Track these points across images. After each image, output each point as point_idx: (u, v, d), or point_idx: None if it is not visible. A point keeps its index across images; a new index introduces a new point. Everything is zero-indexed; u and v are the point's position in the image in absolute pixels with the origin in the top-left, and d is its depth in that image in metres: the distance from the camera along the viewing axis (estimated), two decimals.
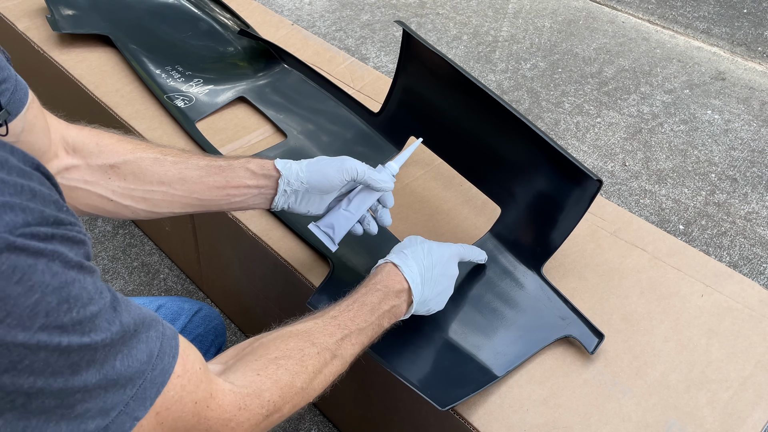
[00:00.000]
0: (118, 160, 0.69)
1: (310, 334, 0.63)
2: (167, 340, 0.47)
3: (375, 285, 0.70)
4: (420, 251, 0.74)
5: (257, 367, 0.57)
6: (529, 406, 0.73)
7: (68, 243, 0.39)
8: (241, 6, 1.37)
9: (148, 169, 0.70)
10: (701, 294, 0.85)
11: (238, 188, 0.73)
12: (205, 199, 0.73)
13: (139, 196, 0.71)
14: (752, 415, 0.73)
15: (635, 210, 1.51)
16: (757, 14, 2.25)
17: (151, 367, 0.45)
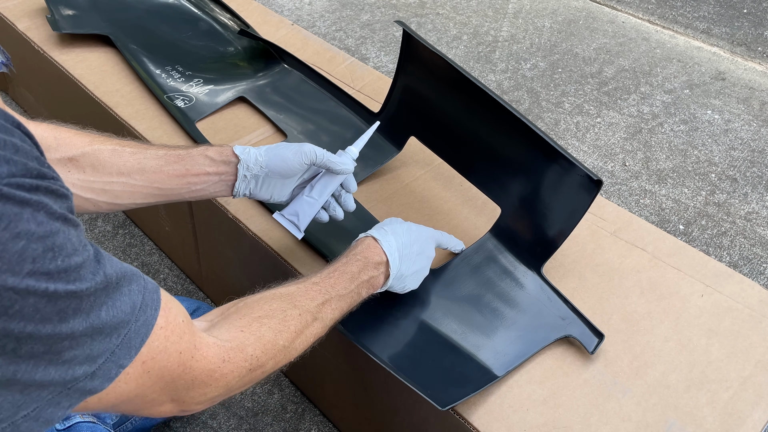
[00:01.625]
0: (76, 153, 0.69)
1: (292, 296, 0.65)
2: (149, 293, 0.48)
3: (355, 255, 0.72)
4: (399, 229, 0.76)
5: (241, 324, 0.59)
6: (529, 406, 0.73)
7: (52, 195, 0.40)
8: (241, 6, 1.37)
9: (106, 160, 0.70)
10: (701, 294, 0.85)
11: (198, 176, 0.74)
12: (165, 188, 0.73)
13: (99, 188, 0.71)
14: (752, 415, 0.73)
15: (635, 210, 1.51)
16: (757, 14, 2.25)
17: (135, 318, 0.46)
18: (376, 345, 0.76)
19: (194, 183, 0.74)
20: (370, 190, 0.99)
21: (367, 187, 0.99)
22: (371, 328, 0.79)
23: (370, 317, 0.80)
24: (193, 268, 1.26)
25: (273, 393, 1.14)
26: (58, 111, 1.43)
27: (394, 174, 1.01)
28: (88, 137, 0.71)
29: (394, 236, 0.75)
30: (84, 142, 0.70)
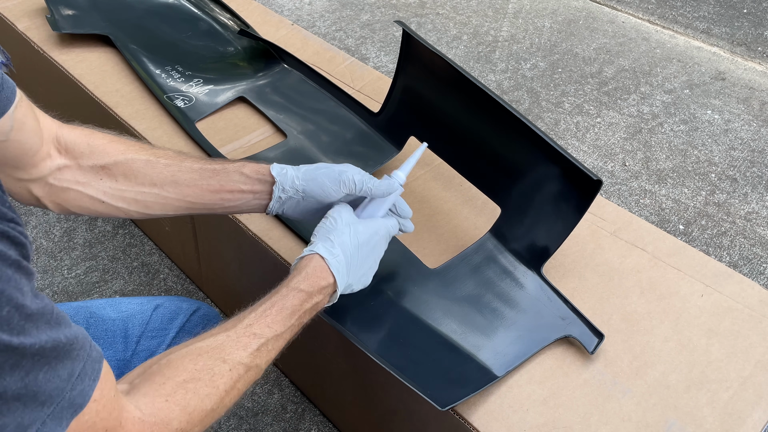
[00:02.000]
0: (109, 161, 0.69)
1: (221, 349, 0.60)
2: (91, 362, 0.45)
3: (298, 285, 0.67)
4: (347, 234, 0.71)
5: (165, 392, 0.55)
6: (529, 406, 0.73)
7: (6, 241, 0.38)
8: (241, 6, 1.37)
9: (139, 170, 0.69)
10: (701, 294, 0.85)
11: (232, 192, 0.73)
12: (197, 202, 0.72)
13: (131, 197, 0.70)
14: (752, 415, 0.73)
15: (635, 210, 1.51)
16: (757, 14, 2.25)
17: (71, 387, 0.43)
18: (376, 345, 0.76)
19: (228, 199, 0.73)
20: None
21: None
22: (371, 328, 0.79)
23: (369, 317, 0.80)
24: (193, 268, 1.26)
25: (273, 393, 1.14)
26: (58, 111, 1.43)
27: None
28: (122, 145, 0.70)
29: (342, 248, 0.69)
30: (118, 150, 0.69)
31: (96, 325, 0.89)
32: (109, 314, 0.91)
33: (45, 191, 0.68)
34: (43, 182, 0.67)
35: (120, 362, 0.88)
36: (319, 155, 1.03)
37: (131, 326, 0.91)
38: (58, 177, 0.68)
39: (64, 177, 0.68)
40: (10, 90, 0.60)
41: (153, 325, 0.94)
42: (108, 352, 0.88)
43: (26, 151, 0.64)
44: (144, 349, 0.91)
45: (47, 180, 0.67)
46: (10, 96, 0.60)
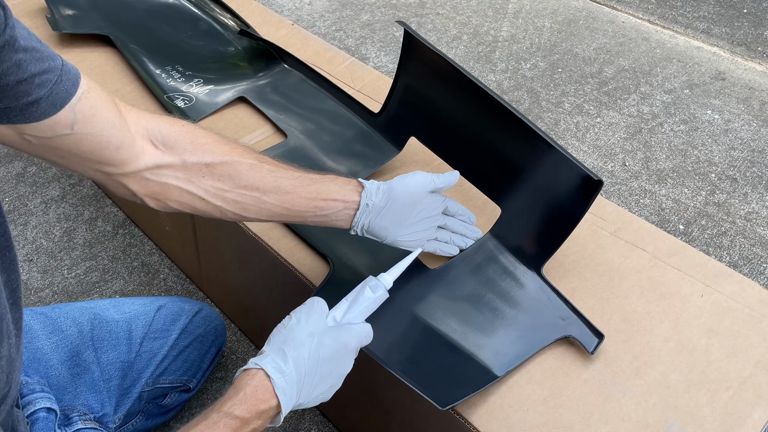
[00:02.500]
0: (214, 160, 0.69)
1: None
2: None
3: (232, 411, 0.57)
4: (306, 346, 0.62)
5: None
6: (529, 406, 0.73)
7: None
8: (241, 6, 1.37)
9: (244, 173, 0.70)
10: (701, 294, 0.85)
11: (326, 201, 0.74)
12: (293, 209, 0.73)
13: (232, 198, 0.70)
14: (752, 415, 0.73)
15: (635, 210, 1.51)
16: (757, 14, 2.25)
17: None
18: (375, 345, 0.76)
19: (322, 207, 0.74)
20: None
21: None
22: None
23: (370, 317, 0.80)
24: (193, 268, 1.26)
25: None
26: None
27: (394, 174, 1.01)
28: (227, 146, 0.71)
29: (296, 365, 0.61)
30: (223, 151, 0.70)
31: (100, 327, 0.89)
32: (113, 316, 0.91)
33: (141, 185, 0.68)
34: (139, 177, 0.67)
35: (123, 364, 0.89)
36: (319, 155, 1.03)
37: (135, 327, 0.91)
38: (157, 172, 0.68)
39: (163, 172, 0.68)
40: (71, 82, 0.59)
41: (156, 326, 0.94)
42: (112, 354, 0.88)
43: (105, 145, 0.63)
44: (147, 350, 0.92)
45: (143, 175, 0.67)
46: (71, 88, 0.59)
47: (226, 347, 1.19)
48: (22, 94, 0.55)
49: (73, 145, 0.61)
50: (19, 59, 0.55)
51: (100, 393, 0.85)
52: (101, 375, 0.85)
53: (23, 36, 0.56)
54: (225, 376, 1.15)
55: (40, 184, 1.48)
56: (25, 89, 0.55)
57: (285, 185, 0.72)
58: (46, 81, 0.57)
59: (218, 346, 1.06)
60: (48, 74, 0.57)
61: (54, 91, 0.58)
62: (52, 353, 0.83)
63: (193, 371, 1.00)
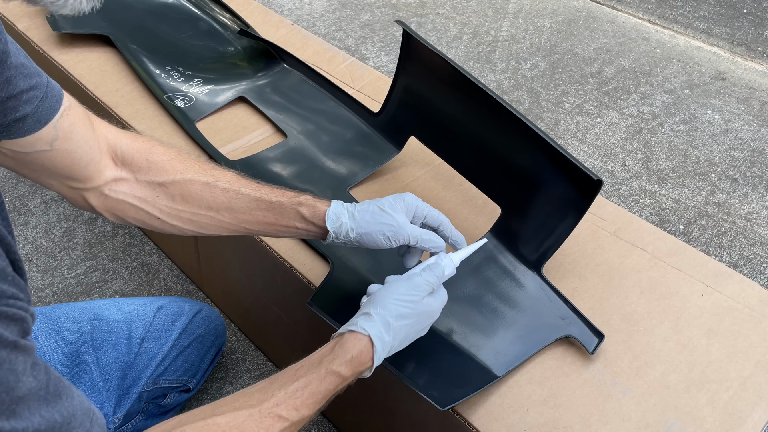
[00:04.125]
0: (167, 179, 0.68)
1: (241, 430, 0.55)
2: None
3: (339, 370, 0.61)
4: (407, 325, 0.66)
5: None
6: (529, 406, 0.73)
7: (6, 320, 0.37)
8: (241, 6, 1.37)
9: (197, 193, 0.69)
10: (701, 294, 0.85)
11: (287, 227, 0.72)
12: (253, 229, 0.72)
13: (187, 218, 0.70)
14: (752, 415, 0.73)
15: (635, 210, 1.51)
16: (757, 14, 2.25)
17: None
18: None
19: (282, 231, 0.73)
20: (370, 190, 0.99)
21: (367, 187, 0.99)
22: None
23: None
24: (193, 268, 1.26)
25: None
26: None
27: (394, 174, 1.01)
28: (182, 164, 0.69)
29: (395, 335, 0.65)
30: (177, 169, 0.69)
31: (100, 327, 0.89)
32: (113, 316, 0.91)
33: (100, 201, 0.68)
34: (98, 192, 0.67)
35: (123, 364, 0.89)
36: (319, 155, 1.03)
37: (135, 328, 0.91)
38: (114, 189, 0.67)
39: (120, 189, 0.68)
40: (56, 99, 0.59)
41: (156, 327, 0.94)
42: (111, 354, 0.88)
43: (77, 162, 0.63)
44: (147, 351, 0.92)
45: (102, 190, 0.67)
46: (55, 105, 0.59)
47: (226, 347, 1.18)
48: (10, 110, 0.55)
49: (47, 160, 0.61)
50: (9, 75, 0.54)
51: (99, 393, 0.85)
52: (101, 375, 0.85)
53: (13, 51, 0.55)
54: (225, 376, 1.15)
55: None
56: (13, 105, 0.55)
57: (240, 207, 0.70)
58: (33, 97, 0.57)
59: (218, 346, 1.06)
60: (35, 90, 0.57)
61: (40, 108, 0.57)
62: (52, 353, 0.83)
63: (193, 371, 1.00)
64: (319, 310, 0.78)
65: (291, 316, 0.98)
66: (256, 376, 1.17)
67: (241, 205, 0.70)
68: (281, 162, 1.02)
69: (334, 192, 0.97)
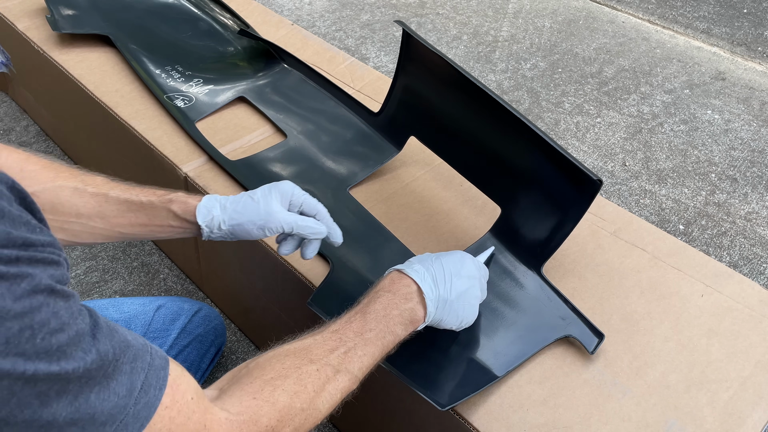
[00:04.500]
0: (37, 189, 0.66)
1: (308, 350, 0.59)
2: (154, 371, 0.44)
3: (377, 292, 0.66)
4: (427, 257, 0.70)
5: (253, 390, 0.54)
6: (529, 406, 0.73)
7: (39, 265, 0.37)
8: (241, 6, 1.37)
9: (66, 200, 0.67)
10: (701, 294, 0.85)
11: (161, 227, 0.71)
12: (127, 233, 0.71)
13: (57, 226, 0.68)
14: (752, 415, 0.73)
15: (635, 210, 1.51)
16: (757, 14, 2.25)
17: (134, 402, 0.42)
18: None
19: (158, 232, 0.72)
20: (370, 190, 0.99)
21: (367, 187, 0.99)
22: None
23: None
24: (193, 268, 1.26)
25: None
26: (58, 111, 1.43)
27: (394, 174, 1.01)
28: (53, 172, 0.68)
29: (421, 263, 0.69)
30: (47, 177, 0.67)
31: None
32: (112, 315, 0.91)
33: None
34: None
35: None
36: (319, 155, 1.03)
37: (133, 327, 0.91)
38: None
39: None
40: None
41: (155, 326, 0.94)
42: None
43: None
44: None
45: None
46: None
47: (226, 347, 1.18)
48: None
49: None
50: None
51: None
52: None
53: None
54: None
55: None
56: None
57: (110, 211, 0.69)
58: None
59: (218, 346, 1.06)
60: None
61: None
62: None
63: (193, 371, 1.00)
64: (319, 310, 0.78)
65: (291, 316, 0.98)
66: None
67: (112, 209, 0.69)
68: (281, 162, 1.02)
69: (334, 192, 0.97)
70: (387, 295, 0.65)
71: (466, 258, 0.73)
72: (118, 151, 1.21)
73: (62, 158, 1.54)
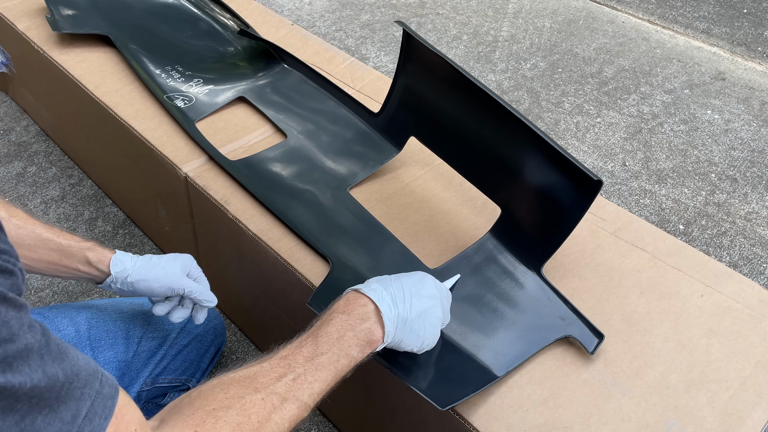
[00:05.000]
0: None
1: (253, 379, 0.57)
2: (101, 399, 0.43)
3: (331, 314, 0.64)
4: (385, 278, 0.69)
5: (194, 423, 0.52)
6: (529, 406, 0.73)
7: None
8: (241, 6, 1.37)
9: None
10: (701, 294, 0.85)
11: (68, 269, 0.76)
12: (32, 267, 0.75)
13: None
14: (752, 415, 0.73)
15: (635, 210, 1.51)
16: (757, 14, 2.25)
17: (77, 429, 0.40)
18: None
19: (62, 272, 0.77)
20: (370, 190, 0.99)
21: (367, 187, 0.99)
22: None
23: None
24: None
25: None
26: (58, 111, 1.43)
27: (394, 174, 1.01)
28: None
29: (379, 282, 0.67)
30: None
31: (97, 326, 0.89)
32: (111, 315, 0.91)
33: None
34: None
35: (121, 363, 0.88)
36: (319, 155, 1.03)
37: (132, 327, 0.91)
38: None
39: None
40: None
41: (154, 326, 0.94)
42: (109, 353, 0.88)
43: None
44: (145, 350, 0.91)
45: None
46: None
47: (226, 347, 1.18)
48: None
49: None
50: None
51: None
52: None
53: None
54: None
55: (40, 184, 1.48)
56: None
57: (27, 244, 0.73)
58: None
59: (217, 345, 1.05)
60: None
61: None
62: None
63: (193, 370, 1.00)
64: (319, 310, 0.78)
65: (291, 316, 0.98)
66: None
67: (29, 243, 0.72)
68: (281, 162, 1.02)
69: (334, 192, 0.97)
70: (341, 317, 0.64)
71: (427, 278, 0.71)
72: (118, 151, 1.21)
73: (62, 158, 1.54)
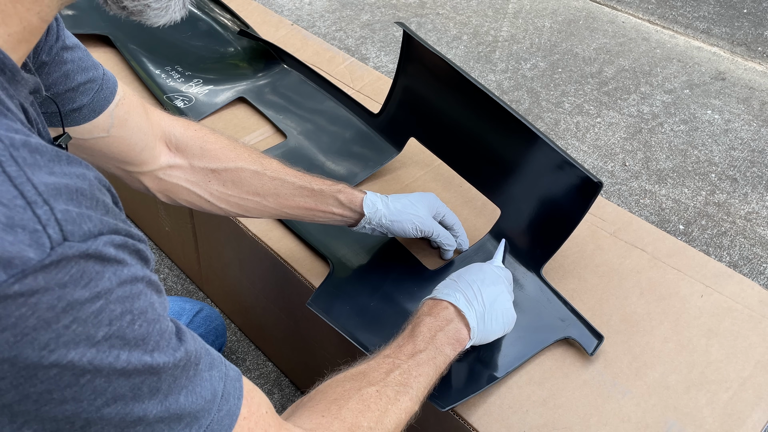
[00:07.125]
0: (219, 166, 0.74)
1: (364, 375, 0.61)
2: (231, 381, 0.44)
3: (419, 317, 0.69)
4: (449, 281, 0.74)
5: (320, 409, 0.55)
6: (529, 406, 0.73)
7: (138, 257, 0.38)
8: (241, 6, 1.37)
9: (247, 180, 0.75)
10: (701, 294, 0.85)
11: (324, 212, 0.79)
12: (292, 213, 0.79)
13: (235, 202, 0.76)
14: (752, 415, 0.73)
15: (635, 210, 1.51)
16: (757, 14, 2.25)
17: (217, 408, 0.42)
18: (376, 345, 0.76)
19: (319, 216, 0.80)
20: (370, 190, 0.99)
21: (366, 188, 0.99)
22: (371, 328, 0.79)
23: (369, 317, 0.80)
24: (193, 268, 1.26)
25: (273, 393, 1.14)
26: None
27: (394, 175, 1.01)
28: (234, 152, 0.75)
29: (447, 287, 0.73)
30: (229, 157, 0.75)
31: None
32: None
33: (155, 184, 0.74)
34: (153, 176, 0.73)
35: None
36: (319, 156, 1.03)
37: None
38: (169, 173, 0.73)
39: (174, 174, 0.73)
40: (110, 90, 0.65)
41: None
42: None
43: (132, 147, 0.68)
44: None
45: (157, 174, 0.73)
46: (109, 96, 0.65)
47: (226, 347, 1.19)
48: (68, 101, 0.60)
49: (105, 146, 0.66)
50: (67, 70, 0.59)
51: None
52: None
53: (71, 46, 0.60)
54: None
55: None
56: (70, 97, 0.60)
57: (284, 193, 0.77)
58: (89, 89, 0.62)
59: (218, 346, 1.06)
60: (91, 83, 0.62)
61: (95, 99, 0.63)
62: None
63: None
64: (319, 311, 0.78)
65: (291, 316, 0.98)
66: (256, 375, 1.17)
67: (286, 192, 0.77)
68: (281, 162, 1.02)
69: None
70: (429, 319, 0.68)
71: (484, 266, 0.76)
72: None
73: None
